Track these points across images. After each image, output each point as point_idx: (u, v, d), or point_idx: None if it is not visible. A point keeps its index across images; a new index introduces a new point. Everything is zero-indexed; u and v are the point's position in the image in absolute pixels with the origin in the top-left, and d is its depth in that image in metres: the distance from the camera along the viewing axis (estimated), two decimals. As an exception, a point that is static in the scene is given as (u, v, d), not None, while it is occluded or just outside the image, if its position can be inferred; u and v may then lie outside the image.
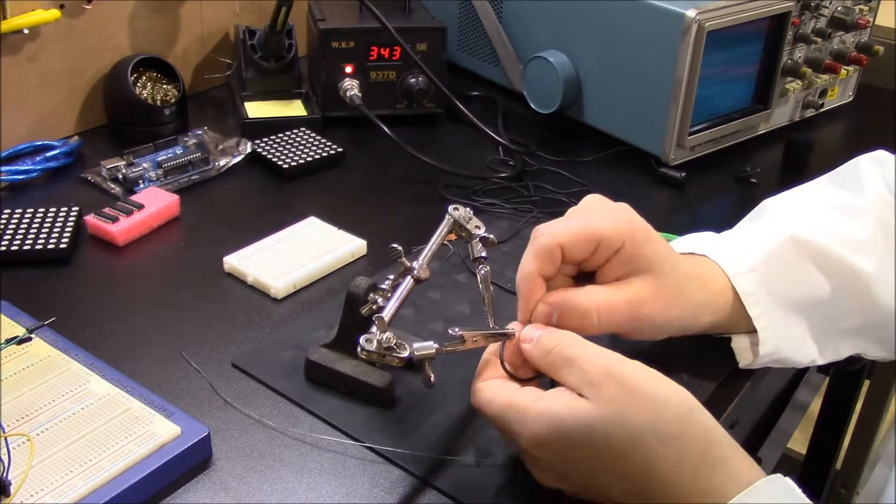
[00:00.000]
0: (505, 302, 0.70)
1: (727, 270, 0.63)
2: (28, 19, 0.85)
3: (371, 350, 0.53)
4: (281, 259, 0.74)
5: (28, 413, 0.55)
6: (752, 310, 0.62)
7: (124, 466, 0.52)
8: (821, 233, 0.64)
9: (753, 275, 0.62)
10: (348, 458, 0.56)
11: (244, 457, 0.56)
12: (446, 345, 0.55)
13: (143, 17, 0.97)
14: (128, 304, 0.70)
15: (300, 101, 1.02)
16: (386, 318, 0.54)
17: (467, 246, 0.62)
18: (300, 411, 0.60)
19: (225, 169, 0.89)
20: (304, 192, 0.87)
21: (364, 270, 0.75)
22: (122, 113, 0.94)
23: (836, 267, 0.64)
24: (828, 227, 0.65)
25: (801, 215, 0.66)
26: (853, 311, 0.65)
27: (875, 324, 0.66)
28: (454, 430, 0.59)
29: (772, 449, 0.82)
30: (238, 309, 0.70)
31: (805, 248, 0.63)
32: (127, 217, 0.77)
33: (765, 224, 0.67)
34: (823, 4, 1.02)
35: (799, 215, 0.66)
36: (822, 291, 0.64)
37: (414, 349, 0.54)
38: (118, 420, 0.55)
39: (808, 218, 0.66)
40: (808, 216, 0.66)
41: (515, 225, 0.82)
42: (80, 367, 0.59)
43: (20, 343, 0.61)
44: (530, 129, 1.02)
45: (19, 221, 0.76)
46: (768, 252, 0.63)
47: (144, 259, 0.76)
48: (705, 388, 0.64)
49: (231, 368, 0.63)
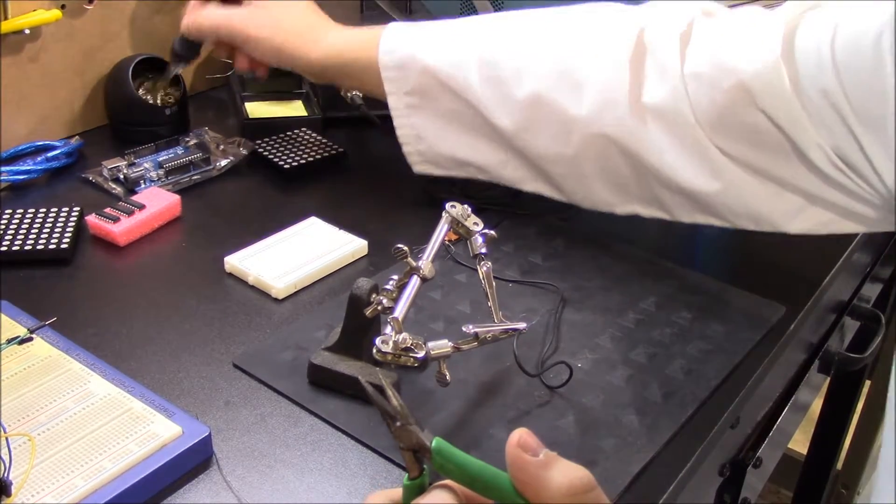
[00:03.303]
0: (507, 298, 0.70)
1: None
2: (29, 19, 0.85)
3: (387, 351, 0.53)
4: (282, 259, 0.74)
5: (29, 413, 0.55)
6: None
7: (125, 466, 0.52)
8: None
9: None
10: (349, 458, 0.56)
11: (245, 457, 0.56)
12: (461, 343, 0.56)
13: (144, 17, 0.97)
14: (129, 304, 0.70)
15: (301, 101, 1.02)
16: (399, 319, 0.54)
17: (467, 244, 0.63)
18: (301, 411, 0.60)
19: (226, 169, 0.89)
20: (304, 193, 0.87)
21: (365, 270, 0.75)
22: (123, 113, 0.94)
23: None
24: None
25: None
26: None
27: None
28: (457, 431, 0.59)
29: (772, 449, 0.82)
30: (239, 309, 0.70)
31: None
32: (128, 217, 0.77)
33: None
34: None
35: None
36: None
37: (430, 349, 0.54)
38: (119, 420, 0.55)
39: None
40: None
41: (514, 223, 0.82)
42: (80, 367, 0.59)
43: (21, 343, 0.61)
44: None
45: (20, 221, 0.76)
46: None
47: (145, 259, 0.76)
48: (705, 387, 0.64)
49: (232, 368, 0.64)
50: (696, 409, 0.62)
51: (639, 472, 0.57)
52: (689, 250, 0.81)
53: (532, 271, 0.76)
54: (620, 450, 0.58)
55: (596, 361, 0.66)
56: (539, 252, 0.78)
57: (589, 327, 0.69)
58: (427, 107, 0.76)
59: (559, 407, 0.61)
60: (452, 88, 0.74)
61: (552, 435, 0.59)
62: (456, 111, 0.75)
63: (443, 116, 0.76)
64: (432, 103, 0.76)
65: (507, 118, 0.73)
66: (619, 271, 0.77)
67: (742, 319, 0.71)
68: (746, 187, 0.67)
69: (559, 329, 0.69)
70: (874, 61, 0.56)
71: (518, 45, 0.73)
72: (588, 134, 0.70)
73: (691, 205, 0.70)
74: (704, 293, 0.74)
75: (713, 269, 0.78)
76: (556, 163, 0.73)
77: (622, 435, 0.59)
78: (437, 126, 0.77)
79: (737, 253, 0.80)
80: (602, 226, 0.82)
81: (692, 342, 0.68)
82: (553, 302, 0.72)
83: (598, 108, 0.69)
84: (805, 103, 0.61)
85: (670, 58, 0.66)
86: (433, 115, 0.77)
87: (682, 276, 0.76)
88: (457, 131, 0.77)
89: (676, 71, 0.66)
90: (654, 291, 0.74)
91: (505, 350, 0.64)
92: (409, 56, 0.75)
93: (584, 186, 0.74)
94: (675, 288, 0.75)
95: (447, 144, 0.78)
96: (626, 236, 0.81)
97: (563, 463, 0.41)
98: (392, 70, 0.76)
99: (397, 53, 0.76)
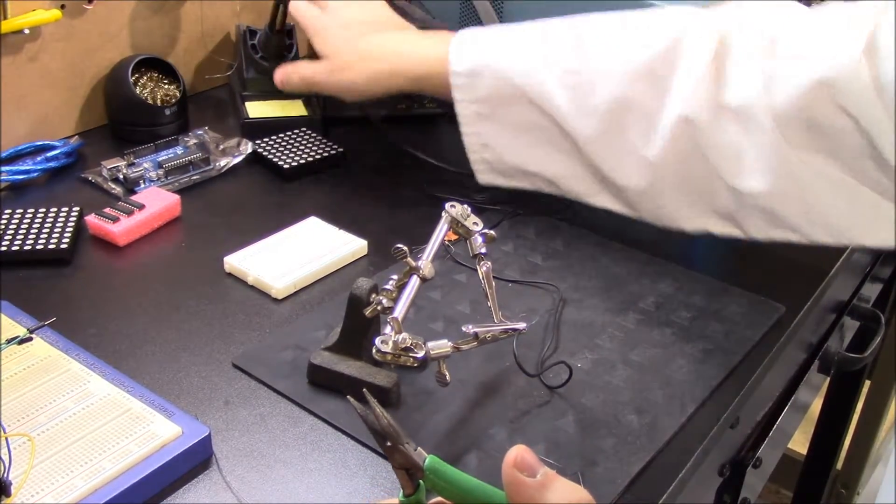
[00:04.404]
0: (507, 298, 0.70)
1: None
2: (29, 19, 0.85)
3: (387, 351, 0.53)
4: (281, 259, 0.74)
5: (29, 413, 0.55)
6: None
7: (125, 466, 0.52)
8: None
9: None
10: (349, 458, 0.56)
11: (245, 457, 0.56)
12: (461, 343, 0.56)
13: (143, 17, 0.97)
14: (128, 304, 0.70)
15: (301, 101, 1.02)
16: (399, 319, 0.54)
17: (466, 243, 0.63)
18: (301, 411, 0.60)
19: (226, 169, 0.89)
20: (304, 193, 0.87)
21: (364, 270, 0.75)
22: (122, 113, 0.94)
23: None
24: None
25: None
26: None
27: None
28: (456, 431, 0.59)
29: (772, 449, 0.82)
30: (238, 309, 0.70)
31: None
32: (128, 217, 0.77)
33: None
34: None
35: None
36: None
37: (430, 349, 0.54)
38: (119, 420, 0.55)
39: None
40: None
41: (514, 223, 0.82)
42: (80, 367, 0.59)
43: (21, 343, 0.61)
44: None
45: (20, 221, 0.76)
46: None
47: (145, 259, 0.76)
48: (706, 387, 0.64)
49: (232, 368, 0.63)
50: (696, 409, 0.62)
51: (639, 472, 0.57)
52: (689, 250, 0.81)
53: (532, 271, 0.76)
54: (620, 450, 0.58)
55: (596, 361, 0.66)
56: (539, 252, 0.78)
57: (589, 327, 0.69)
58: (498, 116, 0.74)
59: (559, 407, 0.61)
60: (528, 96, 0.71)
61: (552, 435, 0.59)
62: (530, 121, 0.73)
63: (515, 126, 0.74)
64: (504, 112, 0.73)
65: (587, 125, 0.70)
66: (619, 271, 0.77)
67: (742, 319, 0.71)
68: (822, 193, 0.65)
69: (559, 329, 0.69)
70: None
71: (595, 51, 0.71)
72: (669, 137, 0.67)
73: (766, 218, 0.68)
74: (704, 293, 0.74)
75: (713, 269, 0.78)
76: (632, 173, 0.70)
77: (622, 435, 0.59)
78: (508, 135, 0.74)
79: (737, 253, 0.80)
80: (602, 226, 0.82)
81: (692, 342, 0.68)
82: (553, 302, 0.72)
83: (681, 110, 0.67)
84: (886, 102, 0.58)
85: (751, 58, 0.65)
86: (504, 124, 0.74)
87: (682, 276, 0.76)
88: (529, 142, 0.74)
89: (757, 71, 0.64)
90: (654, 291, 0.74)
91: (505, 350, 0.64)
92: (482, 63, 0.73)
93: (657, 198, 0.71)
94: (675, 288, 0.75)
95: (517, 155, 0.75)
96: (626, 236, 0.81)
97: (561, 483, 0.40)
98: (462, 77, 0.73)
99: (468, 60, 0.73)
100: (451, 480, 0.43)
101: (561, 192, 0.76)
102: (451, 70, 0.73)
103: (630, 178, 0.70)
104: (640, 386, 0.64)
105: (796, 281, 0.77)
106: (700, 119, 0.66)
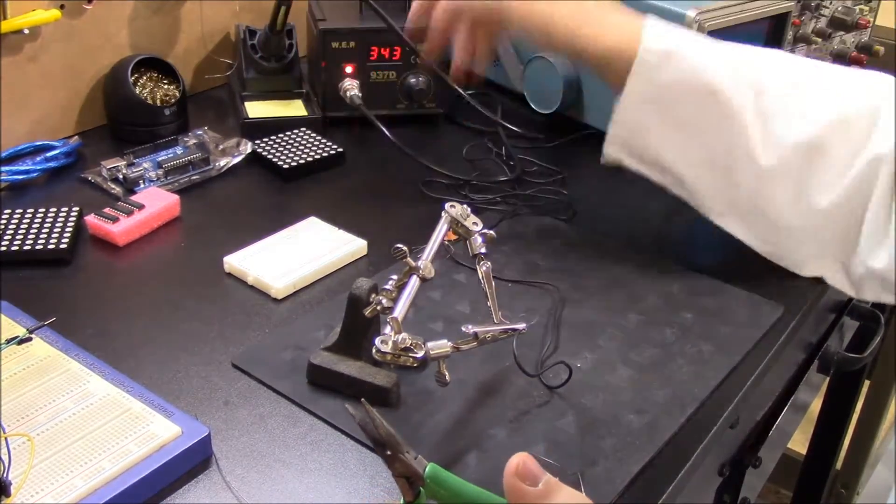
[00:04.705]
0: (507, 298, 0.70)
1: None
2: (28, 19, 0.85)
3: (386, 351, 0.53)
4: (281, 259, 0.74)
5: (28, 413, 0.55)
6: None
7: (124, 466, 0.52)
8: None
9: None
10: (348, 458, 0.56)
11: (244, 457, 0.56)
12: (460, 343, 0.56)
13: (143, 17, 0.97)
14: (128, 304, 0.70)
15: (300, 101, 1.02)
16: (399, 319, 0.54)
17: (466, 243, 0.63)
18: (300, 411, 0.60)
19: (225, 169, 0.89)
20: (304, 193, 0.87)
21: (364, 270, 0.75)
22: (122, 113, 0.94)
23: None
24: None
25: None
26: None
27: None
28: (456, 431, 0.59)
29: (772, 449, 0.82)
30: (238, 309, 0.70)
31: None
32: (127, 217, 0.77)
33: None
34: (824, 4, 1.02)
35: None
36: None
37: (429, 349, 0.54)
38: (118, 420, 0.55)
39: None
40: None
41: (513, 223, 0.82)
42: (80, 367, 0.59)
43: (20, 343, 0.61)
44: (530, 128, 1.02)
45: (20, 221, 0.76)
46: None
47: (145, 259, 0.76)
48: (706, 387, 0.64)
49: (231, 368, 0.63)
50: (696, 409, 0.62)
51: (639, 472, 0.57)
52: (689, 250, 0.81)
53: (532, 271, 0.76)
54: (620, 450, 0.58)
55: (596, 361, 0.66)
56: (539, 252, 0.78)
57: (589, 327, 0.69)
58: (669, 106, 0.71)
59: (559, 407, 0.61)
60: (722, 102, 0.69)
61: (552, 435, 0.59)
62: (706, 123, 0.71)
63: (681, 122, 0.72)
64: (679, 104, 0.71)
65: (772, 157, 0.69)
66: (619, 271, 0.77)
67: (742, 319, 0.71)
68: None
69: (559, 329, 0.69)
70: None
71: (797, 85, 0.70)
72: (850, 191, 0.67)
73: (884, 287, 0.68)
74: (704, 293, 0.74)
75: (713, 269, 0.78)
76: (791, 219, 0.70)
77: (622, 435, 0.59)
78: (671, 129, 0.72)
79: (737, 253, 0.79)
80: (602, 226, 0.82)
81: (692, 342, 0.68)
82: (553, 302, 0.72)
83: (876, 152, 0.65)
84: None
85: None
86: (672, 116, 0.72)
87: (682, 276, 0.76)
88: (686, 143, 0.72)
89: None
90: (654, 291, 0.74)
91: (504, 350, 0.64)
92: (677, 50, 0.70)
93: (796, 246, 0.72)
94: (675, 288, 0.75)
95: (666, 149, 0.73)
96: (626, 236, 0.81)
97: (563, 492, 0.39)
98: (653, 55, 0.70)
99: (664, 42, 0.71)
100: (452, 489, 0.43)
101: (686, 198, 0.75)
102: (644, 47, 0.70)
103: (785, 218, 0.70)
104: (640, 386, 0.64)
105: (796, 281, 0.77)
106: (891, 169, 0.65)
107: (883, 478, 1.64)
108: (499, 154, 0.95)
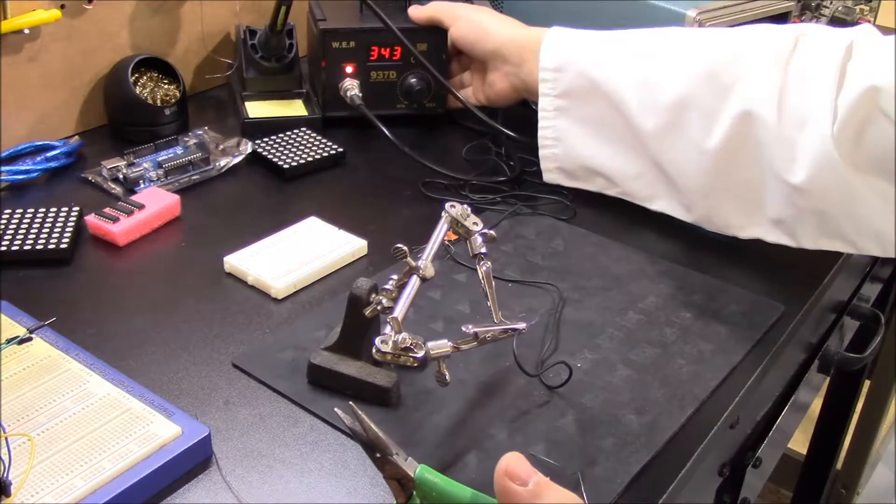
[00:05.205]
0: (507, 298, 0.70)
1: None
2: (28, 19, 0.85)
3: (386, 351, 0.53)
4: (281, 259, 0.74)
5: (28, 413, 0.55)
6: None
7: (125, 466, 0.52)
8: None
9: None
10: (348, 458, 0.56)
11: (244, 457, 0.56)
12: (461, 343, 0.56)
13: (143, 17, 0.97)
14: (128, 304, 0.70)
15: (301, 101, 1.02)
16: (399, 319, 0.54)
17: (466, 243, 0.63)
18: (300, 411, 0.60)
19: (225, 169, 0.89)
20: (304, 192, 0.87)
21: (364, 270, 0.75)
22: (122, 113, 0.94)
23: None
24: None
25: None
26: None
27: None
28: (456, 431, 0.59)
29: (772, 449, 0.82)
30: (238, 309, 0.70)
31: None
32: (127, 217, 0.77)
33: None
34: (824, 4, 1.02)
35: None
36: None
37: (430, 349, 0.54)
38: (118, 420, 0.55)
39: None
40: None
41: (513, 223, 0.82)
42: (80, 367, 0.59)
43: (21, 343, 0.61)
44: (530, 129, 1.01)
45: (20, 221, 0.76)
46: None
47: (145, 259, 0.76)
48: (705, 387, 0.64)
49: (231, 368, 0.63)
50: (696, 409, 0.62)
51: (638, 472, 0.57)
52: (689, 250, 0.81)
53: (532, 271, 0.76)
54: (620, 450, 0.58)
55: (595, 361, 0.66)
56: (539, 252, 0.78)
57: (588, 327, 0.69)
58: (574, 110, 0.79)
59: (559, 407, 0.61)
60: (604, 91, 0.76)
61: (552, 435, 0.59)
62: (601, 116, 0.78)
63: (587, 121, 0.79)
64: (580, 106, 0.79)
65: (651, 120, 0.75)
66: (619, 271, 0.77)
67: (742, 319, 0.71)
68: (871, 204, 0.67)
69: (559, 329, 0.69)
70: None
71: (671, 53, 0.76)
72: (729, 131, 0.71)
73: (816, 224, 0.71)
74: (704, 293, 0.74)
75: (713, 269, 0.78)
76: (690, 168, 0.75)
77: (622, 435, 0.59)
78: (579, 131, 0.80)
79: (737, 253, 0.80)
80: (602, 226, 0.82)
81: (692, 342, 0.68)
82: (553, 302, 0.72)
83: (743, 106, 0.70)
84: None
85: (823, 65, 0.67)
86: (578, 118, 0.80)
87: (682, 276, 0.76)
88: (597, 138, 0.80)
89: (828, 78, 0.67)
90: (654, 291, 0.74)
91: (504, 350, 0.64)
92: (568, 59, 0.78)
93: (712, 198, 0.76)
94: (675, 288, 0.75)
95: (584, 150, 0.80)
96: (626, 236, 0.81)
97: (554, 491, 0.40)
98: (550, 72, 0.79)
99: (557, 55, 0.79)
100: (442, 491, 0.43)
101: (621, 194, 0.81)
102: (541, 66, 0.79)
103: (688, 174, 0.75)
104: (640, 386, 0.64)
105: (796, 281, 0.77)
106: (761, 114, 0.69)
107: (883, 478, 1.64)
108: (499, 154, 0.95)
